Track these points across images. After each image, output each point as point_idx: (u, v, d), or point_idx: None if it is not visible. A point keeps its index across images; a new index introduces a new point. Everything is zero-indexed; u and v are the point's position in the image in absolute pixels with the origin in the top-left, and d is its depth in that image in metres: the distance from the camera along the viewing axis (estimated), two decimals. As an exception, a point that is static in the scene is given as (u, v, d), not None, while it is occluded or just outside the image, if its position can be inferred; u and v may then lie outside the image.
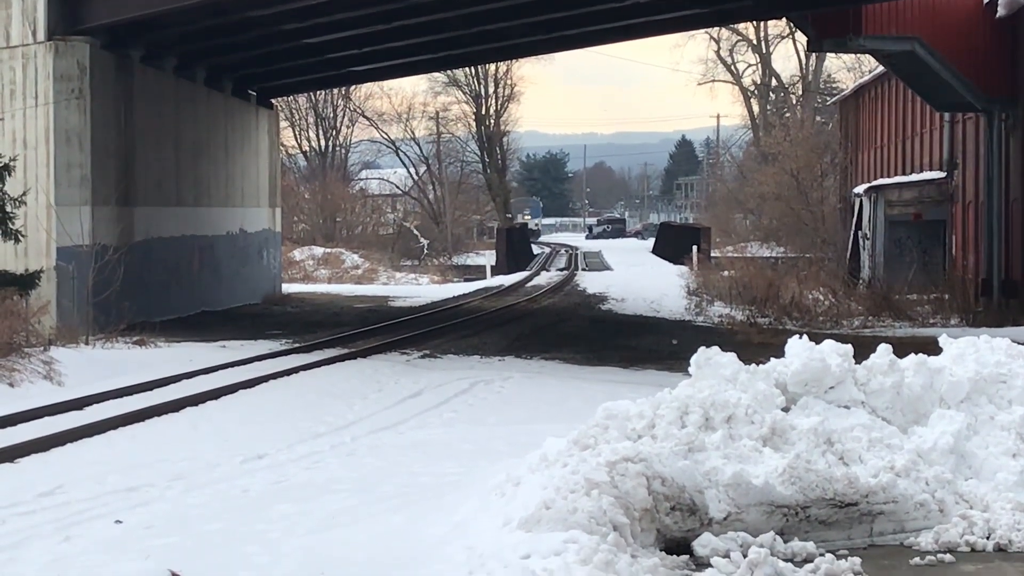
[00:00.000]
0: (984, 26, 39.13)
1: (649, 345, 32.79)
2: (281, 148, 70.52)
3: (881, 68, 50.00)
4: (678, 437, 11.06)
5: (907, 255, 46.38)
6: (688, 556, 10.25)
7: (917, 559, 10.28)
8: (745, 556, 9.74)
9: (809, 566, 9.85)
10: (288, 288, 54.97)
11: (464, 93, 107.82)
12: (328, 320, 40.86)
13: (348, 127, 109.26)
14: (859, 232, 51.30)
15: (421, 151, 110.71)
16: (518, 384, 24.67)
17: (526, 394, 23.25)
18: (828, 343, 12.31)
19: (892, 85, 53.39)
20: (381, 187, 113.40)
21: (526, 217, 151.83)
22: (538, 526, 9.97)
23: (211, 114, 44.08)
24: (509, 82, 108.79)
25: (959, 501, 11.07)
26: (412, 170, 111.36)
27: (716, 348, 12.26)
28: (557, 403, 21.72)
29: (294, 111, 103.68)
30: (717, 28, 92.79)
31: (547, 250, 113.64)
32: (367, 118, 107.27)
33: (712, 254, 74.02)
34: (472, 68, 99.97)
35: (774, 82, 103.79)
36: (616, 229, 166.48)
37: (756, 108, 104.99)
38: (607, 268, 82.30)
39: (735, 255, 70.49)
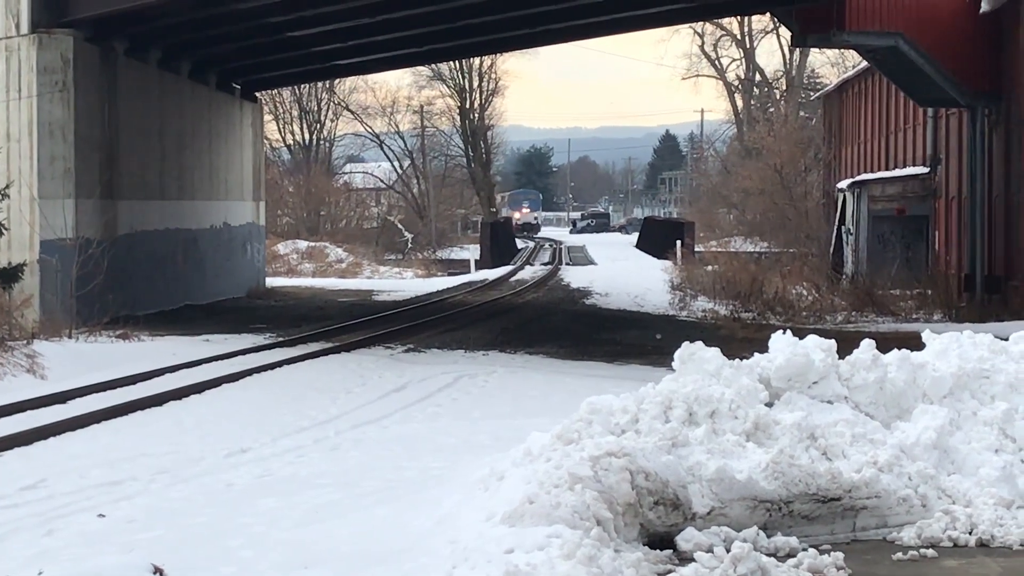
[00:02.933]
0: (968, 21, 39.19)
1: (633, 340, 32.81)
2: (265, 141, 70.44)
3: (865, 63, 50.09)
4: (662, 432, 11.07)
5: (890, 250, 46.50)
6: (671, 551, 10.27)
7: (900, 554, 10.30)
8: (728, 551, 9.75)
9: (792, 561, 9.87)
10: (272, 282, 54.95)
11: (448, 87, 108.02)
12: (312, 314, 40.82)
13: (332, 121, 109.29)
14: (842, 227, 51.40)
15: (405, 145, 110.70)
16: (502, 378, 24.67)
17: (510, 388, 23.25)
18: (811, 338, 12.33)
19: (876, 80, 53.47)
20: (365, 181, 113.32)
21: (525, 210, 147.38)
22: (521, 520, 9.98)
23: (195, 107, 44.01)
24: (493, 76, 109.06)
25: (942, 496, 11.09)
26: (396, 164, 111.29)
27: (700, 343, 12.28)
28: (541, 397, 21.73)
29: (278, 104, 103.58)
30: (701, 23, 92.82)
31: (531, 244, 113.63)
32: (351, 112, 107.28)
33: (696, 249, 74.14)
34: (456, 62, 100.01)
35: (758, 77, 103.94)
36: (600, 224, 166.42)
37: (740, 103, 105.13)
38: (591, 263, 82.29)
39: (719, 250, 70.70)
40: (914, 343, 13.28)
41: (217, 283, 45.24)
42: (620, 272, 66.32)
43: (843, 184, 52.45)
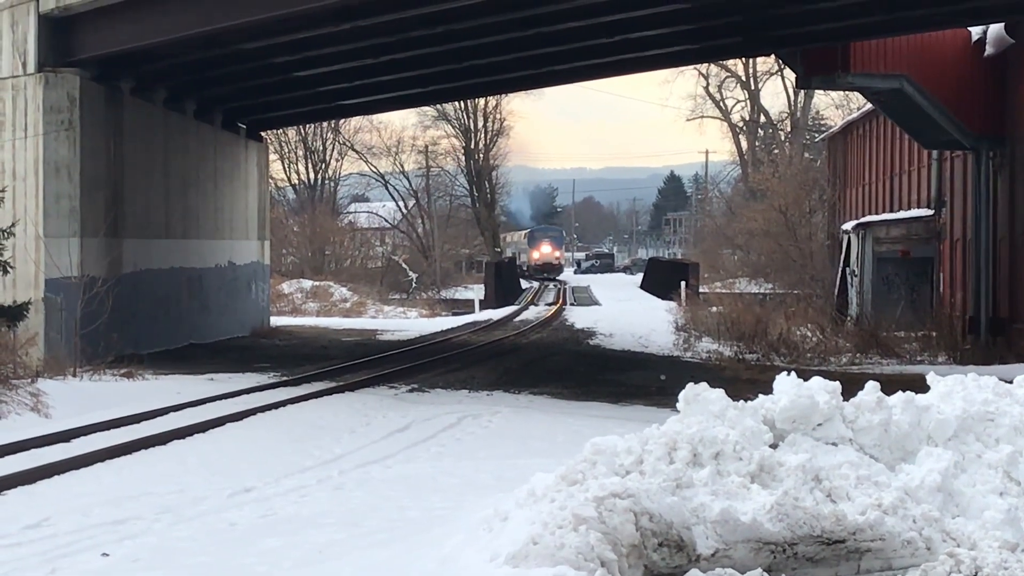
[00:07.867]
0: (972, 64, 39.31)
1: (637, 380, 32.77)
2: (270, 181, 70.58)
3: (869, 105, 50.17)
4: (666, 473, 11.05)
5: (895, 292, 46.47)
6: (675, 592, 10.24)
7: (904, 597, 10.28)
8: (732, 593, 9.73)
9: (796, 603, 9.85)
10: (276, 321, 54.94)
11: (453, 127, 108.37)
12: (316, 353, 40.81)
13: (337, 160, 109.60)
14: (847, 269, 51.39)
15: (410, 184, 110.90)
16: (506, 419, 24.62)
17: (514, 429, 23.20)
18: (816, 380, 12.31)
19: (880, 122, 53.58)
20: (370, 220, 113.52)
21: (545, 249, 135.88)
22: (526, 561, 9.95)
23: (200, 146, 44.11)
24: (498, 116, 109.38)
25: (946, 539, 11.06)
26: (401, 204, 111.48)
27: (704, 384, 12.26)
28: (545, 438, 21.69)
29: (283, 144, 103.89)
30: (706, 64, 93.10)
31: (535, 285, 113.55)
32: (356, 151, 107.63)
33: (700, 290, 74.08)
34: (462, 102, 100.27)
35: (763, 118, 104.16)
36: (604, 264, 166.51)
37: (745, 144, 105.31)
38: (595, 303, 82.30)
39: (723, 291, 70.63)
40: (919, 385, 13.25)
41: (221, 322, 45.26)
42: (624, 313, 66.29)
43: (848, 226, 52.49)
